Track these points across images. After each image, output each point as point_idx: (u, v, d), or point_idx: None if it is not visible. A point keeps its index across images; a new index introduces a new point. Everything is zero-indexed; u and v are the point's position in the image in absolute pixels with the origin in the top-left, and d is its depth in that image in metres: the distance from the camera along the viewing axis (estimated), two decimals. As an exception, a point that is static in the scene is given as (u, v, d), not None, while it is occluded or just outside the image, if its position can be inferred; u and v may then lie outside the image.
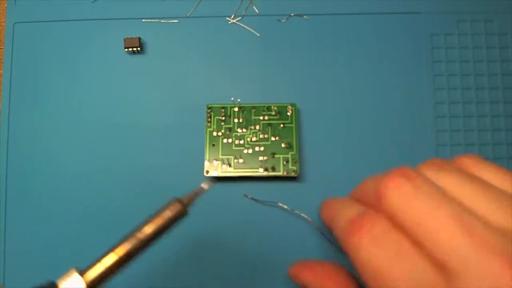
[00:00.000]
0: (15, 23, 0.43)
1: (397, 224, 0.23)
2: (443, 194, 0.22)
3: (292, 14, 0.43)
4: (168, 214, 0.27)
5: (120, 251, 0.25)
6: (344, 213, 0.27)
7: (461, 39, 0.43)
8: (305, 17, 0.43)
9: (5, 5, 0.43)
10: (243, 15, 0.43)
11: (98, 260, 0.25)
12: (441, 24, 0.43)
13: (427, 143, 0.41)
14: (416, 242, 0.22)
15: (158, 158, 0.41)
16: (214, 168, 0.38)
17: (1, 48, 0.44)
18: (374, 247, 0.23)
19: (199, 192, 0.28)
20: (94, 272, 0.24)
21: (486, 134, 0.41)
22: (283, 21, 0.43)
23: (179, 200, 0.27)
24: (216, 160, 0.39)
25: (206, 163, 0.39)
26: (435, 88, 0.42)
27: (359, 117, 0.41)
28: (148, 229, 0.26)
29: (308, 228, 0.39)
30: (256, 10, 0.43)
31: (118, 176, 0.40)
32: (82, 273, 0.24)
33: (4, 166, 0.41)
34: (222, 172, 0.38)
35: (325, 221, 0.33)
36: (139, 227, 0.26)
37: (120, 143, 0.41)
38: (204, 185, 0.29)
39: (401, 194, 0.23)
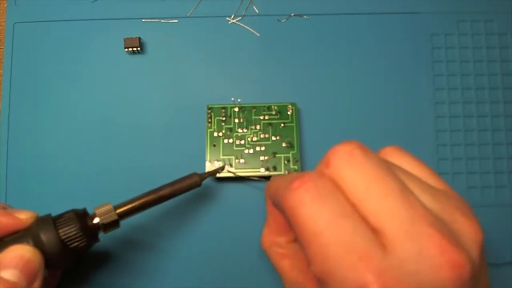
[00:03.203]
0: (15, 23, 0.43)
1: (340, 187, 0.24)
2: (390, 168, 0.24)
3: (292, 14, 0.43)
4: (186, 182, 0.35)
5: (145, 199, 0.33)
6: (287, 177, 0.27)
7: (461, 39, 0.43)
8: (305, 17, 0.43)
9: (5, 5, 0.43)
10: (243, 15, 0.43)
11: (128, 202, 0.33)
12: (441, 24, 0.43)
13: (427, 143, 0.41)
14: (357, 207, 0.23)
15: (159, 159, 0.41)
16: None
17: (1, 48, 0.43)
18: (318, 204, 0.23)
19: (213, 172, 0.37)
20: (123, 208, 0.33)
21: (486, 134, 0.41)
22: (283, 21, 0.43)
23: (197, 174, 0.35)
24: (217, 160, 0.39)
25: (207, 164, 0.39)
26: (435, 88, 0.42)
27: (359, 116, 0.41)
28: (169, 189, 0.34)
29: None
30: (256, 10, 0.43)
31: (119, 177, 0.40)
32: (115, 207, 0.32)
33: (4, 166, 0.41)
34: (223, 172, 0.38)
35: (269, 195, 0.31)
36: (163, 187, 0.34)
37: (121, 143, 0.41)
38: (218, 168, 0.38)
39: (352, 158, 0.24)
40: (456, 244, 0.21)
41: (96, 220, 0.32)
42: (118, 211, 0.32)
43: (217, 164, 0.39)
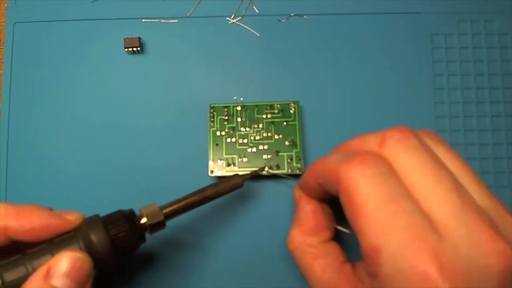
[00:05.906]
0: (15, 23, 0.43)
1: (393, 168, 0.25)
2: (439, 159, 0.25)
3: (292, 14, 0.43)
4: (229, 183, 0.34)
5: (190, 199, 0.33)
6: (339, 156, 0.27)
7: (461, 39, 0.43)
8: (305, 17, 0.43)
9: (5, 5, 0.43)
10: (243, 15, 0.43)
11: (173, 202, 0.33)
12: (441, 24, 0.43)
13: (428, 142, 0.41)
14: (409, 189, 0.24)
15: (162, 159, 0.40)
16: (219, 167, 0.38)
17: (1, 48, 0.43)
18: (379, 180, 0.24)
19: (254, 173, 0.37)
20: (169, 208, 0.32)
21: (486, 134, 0.42)
22: (283, 21, 0.43)
23: (239, 176, 0.35)
24: (221, 159, 0.38)
25: (211, 163, 0.38)
26: (435, 88, 0.42)
27: (360, 114, 0.41)
28: (212, 190, 0.34)
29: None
30: (256, 10, 0.43)
31: (122, 177, 0.40)
32: (161, 207, 0.32)
33: (4, 166, 0.40)
34: (226, 171, 0.38)
35: (313, 176, 0.31)
36: (206, 187, 0.34)
37: (122, 144, 0.41)
38: (258, 169, 0.37)
39: (408, 144, 0.25)
40: (502, 235, 0.22)
41: (143, 221, 0.31)
42: (165, 211, 0.32)
43: (220, 163, 0.38)
